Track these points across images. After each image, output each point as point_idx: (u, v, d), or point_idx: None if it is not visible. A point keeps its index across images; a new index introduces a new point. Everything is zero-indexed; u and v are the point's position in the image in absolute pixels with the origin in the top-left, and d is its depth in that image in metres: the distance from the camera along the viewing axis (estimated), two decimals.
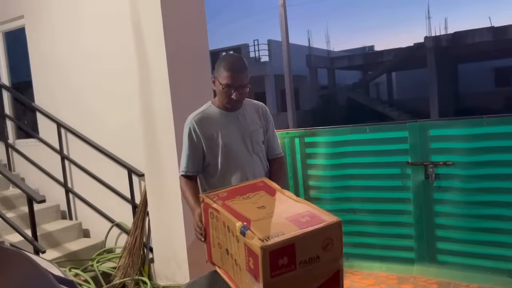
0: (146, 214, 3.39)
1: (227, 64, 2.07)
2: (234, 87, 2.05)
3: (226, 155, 2.11)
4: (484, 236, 3.18)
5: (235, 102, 2.09)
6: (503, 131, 3.08)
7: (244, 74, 2.09)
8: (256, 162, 2.14)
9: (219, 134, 2.11)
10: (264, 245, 1.33)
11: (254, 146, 2.14)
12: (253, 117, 2.18)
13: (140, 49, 3.11)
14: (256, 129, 2.16)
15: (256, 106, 2.24)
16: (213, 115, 2.14)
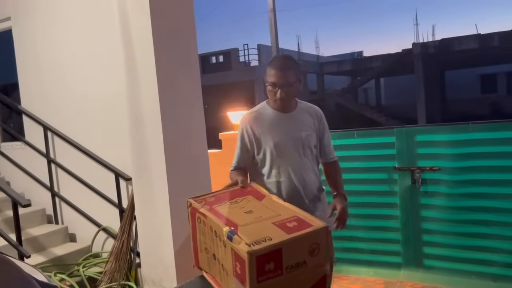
0: (133, 218, 3.36)
1: (272, 63, 2.08)
2: (278, 86, 2.03)
3: (275, 156, 2.10)
4: (469, 241, 3.22)
5: (281, 101, 2.06)
6: (488, 137, 3.13)
7: (289, 72, 2.05)
8: (305, 165, 2.12)
9: (270, 134, 2.10)
10: (251, 250, 1.33)
11: (305, 149, 2.11)
12: (306, 120, 2.15)
13: (128, 52, 3.09)
14: (309, 133, 2.12)
15: (311, 109, 2.20)
16: (266, 115, 2.14)
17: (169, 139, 2.98)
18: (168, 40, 3.03)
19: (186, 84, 3.15)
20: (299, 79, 2.10)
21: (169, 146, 2.97)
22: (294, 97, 2.12)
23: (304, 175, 2.11)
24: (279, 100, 2.06)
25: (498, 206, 3.10)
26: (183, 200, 1.85)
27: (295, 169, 2.09)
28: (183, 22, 3.16)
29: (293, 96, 2.10)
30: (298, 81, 2.09)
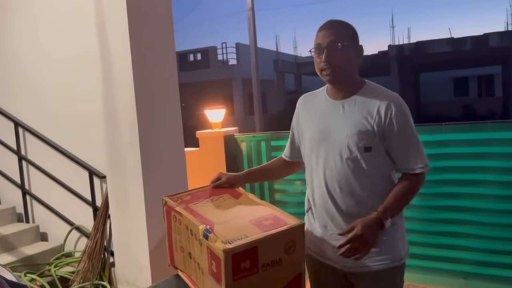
0: (108, 217, 3.31)
1: (322, 25, 1.62)
2: (324, 47, 1.56)
3: (311, 153, 1.69)
4: (442, 240, 3.29)
5: (329, 70, 1.57)
6: (461, 138, 3.20)
7: (342, 31, 1.59)
8: (345, 172, 1.58)
9: (311, 124, 1.69)
10: (227, 248, 1.32)
11: (348, 150, 1.57)
12: (363, 112, 1.57)
13: (104, 48, 3.03)
14: (358, 129, 1.56)
15: (379, 98, 1.58)
16: (318, 99, 1.72)
17: (144, 137, 2.94)
18: (145, 38, 2.99)
19: (163, 81, 3.12)
20: (357, 48, 1.62)
21: (145, 144, 2.93)
22: (347, 69, 1.59)
23: (342, 185, 1.59)
24: (326, 70, 1.57)
25: (470, 205, 3.18)
26: (158, 198, 1.82)
27: (328, 174, 1.62)
28: (160, 19, 3.12)
29: (345, 65, 1.58)
30: (354, 49, 1.61)
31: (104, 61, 3.03)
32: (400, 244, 1.64)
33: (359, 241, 1.46)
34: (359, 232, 1.45)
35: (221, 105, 4.92)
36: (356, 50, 1.62)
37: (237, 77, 21.48)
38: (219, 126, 4.56)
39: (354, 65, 1.62)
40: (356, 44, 1.62)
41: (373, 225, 1.48)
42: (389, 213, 1.52)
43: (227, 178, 1.83)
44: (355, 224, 1.48)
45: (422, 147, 1.60)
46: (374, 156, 1.57)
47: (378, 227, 1.49)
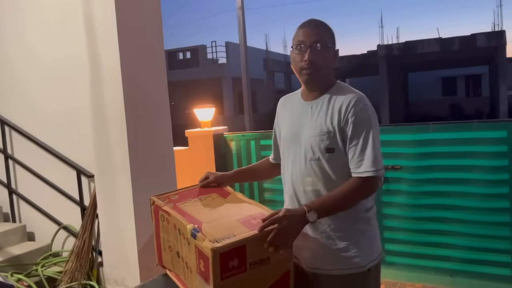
0: (96, 216, 3.28)
1: (302, 23, 1.62)
2: (308, 45, 1.56)
3: (283, 154, 1.72)
4: (429, 238, 3.33)
5: (309, 69, 1.57)
6: (447, 137, 3.24)
7: (325, 31, 1.60)
8: (307, 173, 1.59)
9: (285, 125, 1.71)
10: (215, 247, 1.32)
11: (311, 151, 1.57)
12: (327, 112, 1.57)
13: (91, 46, 3.01)
14: (320, 129, 1.56)
15: (342, 99, 1.56)
16: (294, 101, 1.72)
17: (133, 136, 2.92)
18: (133, 36, 2.97)
19: (152, 80, 3.10)
20: (335, 51, 1.63)
21: (133, 143, 2.92)
22: (325, 70, 1.60)
23: (306, 186, 1.60)
24: (307, 70, 1.57)
25: (456, 204, 3.22)
26: (147, 198, 1.82)
27: (294, 175, 1.64)
28: (149, 16, 3.10)
29: (325, 67, 1.59)
30: (333, 52, 1.62)
31: (92, 60, 3.01)
32: (364, 252, 1.58)
33: (280, 225, 1.39)
34: (280, 215, 1.40)
35: (210, 104, 4.91)
36: (334, 53, 1.64)
37: (226, 76, 21.46)
38: (208, 125, 4.55)
39: (331, 67, 1.63)
40: (334, 47, 1.64)
41: (294, 215, 1.43)
42: (318, 208, 1.46)
43: (215, 177, 1.82)
44: (279, 210, 1.45)
45: (377, 151, 1.52)
46: (337, 158, 1.55)
47: (299, 218, 1.43)
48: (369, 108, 1.57)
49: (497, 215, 3.11)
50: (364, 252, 1.58)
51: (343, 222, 1.56)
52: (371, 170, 1.50)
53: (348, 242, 1.56)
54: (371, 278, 1.60)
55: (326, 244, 1.57)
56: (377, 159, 1.52)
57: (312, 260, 1.57)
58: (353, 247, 1.57)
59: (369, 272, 1.58)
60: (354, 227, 1.57)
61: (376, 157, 1.52)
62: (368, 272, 1.58)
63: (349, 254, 1.56)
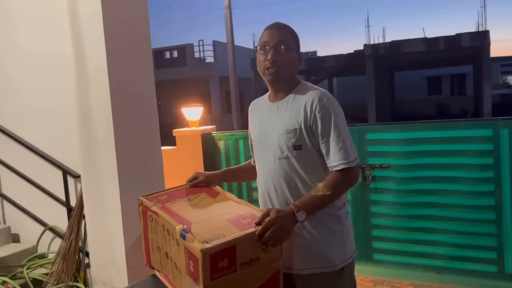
0: (82, 217, 3.24)
1: (268, 26, 1.67)
2: (272, 46, 1.60)
3: (255, 155, 1.78)
4: (416, 235, 3.36)
5: (273, 69, 1.60)
6: (434, 136, 3.28)
7: (288, 34, 1.64)
8: (277, 171, 1.61)
9: (255, 127, 1.76)
10: (204, 248, 1.31)
11: (279, 149, 1.61)
12: (292, 111, 1.61)
13: (78, 44, 2.97)
14: (287, 128, 1.60)
15: (306, 96, 1.60)
16: (262, 104, 1.77)
17: (120, 135, 2.89)
18: (120, 35, 2.94)
19: (139, 78, 3.07)
20: (299, 53, 1.68)
21: (120, 142, 2.89)
22: (289, 70, 1.63)
23: (276, 184, 1.63)
24: (271, 69, 1.61)
25: (443, 201, 3.26)
26: (135, 198, 1.80)
27: (266, 174, 1.67)
28: (136, 14, 3.07)
29: (288, 67, 1.62)
30: (297, 54, 1.67)
31: (79, 58, 2.97)
32: (334, 251, 1.60)
33: (274, 228, 1.41)
34: (273, 216, 1.42)
35: (198, 103, 4.89)
36: (298, 55, 1.68)
37: (214, 75, 21.41)
38: (196, 125, 4.53)
39: (295, 68, 1.67)
40: (298, 50, 1.68)
41: (285, 216, 1.45)
42: (305, 206, 1.49)
43: (204, 177, 1.81)
44: (269, 211, 1.46)
45: (347, 143, 1.56)
46: (305, 154, 1.58)
47: (290, 218, 1.46)
48: (333, 102, 1.61)
49: (483, 213, 3.16)
50: (336, 251, 1.60)
51: (314, 222, 1.58)
52: (345, 162, 1.54)
53: (320, 241, 1.58)
54: (344, 277, 1.61)
55: (299, 244, 1.58)
56: (349, 150, 1.56)
57: (285, 260, 1.57)
58: (325, 246, 1.59)
59: (342, 271, 1.60)
60: (325, 226, 1.59)
61: (347, 149, 1.56)
62: (341, 271, 1.60)
63: (321, 253, 1.58)
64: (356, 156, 1.59)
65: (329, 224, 1.60)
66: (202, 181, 1.80)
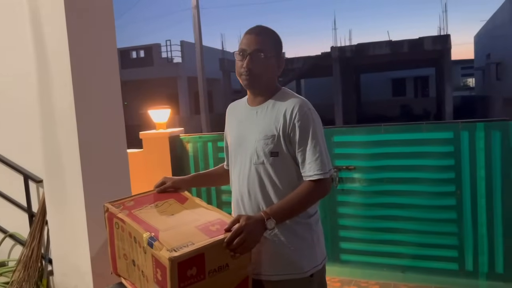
0: (45, 223, 3.14)
1: (248, 30, 1.64)
2: (248, 53, 1.58)
3: (231, 159, 1.74)
4: (381, 236, 3.44)
5: (249, 76, 1.59)
6: (399, 138, 3.36)
7: (267, 40, 1.61)
8: (252, 177, 1.61)
9: (233, 131, 1.74)
10: (172, 256, 1.30)
11: (256, 155, 1.60)
12: (272, 117, 1.60)
13: (39, 43, 2.87)
14: (265, 133, 1.59)
15: (286, 104, 1.59)
16: (240, 107, 1.75)
17: (84, 138, 2.82)
18: (84, 33, 2.86)
19: (104, 78, 3.00)
20: (278, 58, 1.65)
21: (85, 145, 2.82)
22: (265, 77, 1.62)
23: (250, 190, 1.62)
24: (245, 75, 1.60)
25: (407, 202, 3.35)
26: (100, 203, 1.75)
27: (241, 179, 1.65)
28: (100, 13, 3.00)
29: (264, 74, 1.61)
30: (276, 60, 1.64)
31: (40, 57, 2.88)
32: (304, 258, 1.60)
33: (244, 234, 1.41)
34: (243, 223, 1.42)
35: (166, 104, 4.82)
36: (278, 61, 1.66)
37: (182, 75, 21.20)
38: (164, 127, 4.47)
39: (273, 75, 1.65)
40: (278, 55, 1.65)
41: (255, 223, 1.45)
42: (275, 214, 1.50)
43: (172, 182, 1.78)
44: (239, 217, 1.46)
45: (323, 154, 1.57)
46: (281, 162, 1.58)
47: (260, 225, 1.46)
48: (313, 112, 1.61)
49: (444, 213, 3.26)
50: (306, 258, 1.60)
51: (285, 229, 1.58)
52: (320, 173, 1.54)
53: (290, 248, 1.59)
54: (314, 284, 1.63)
55: (269, 251, 1.58)
56: (325, 162, 1.57)
57: (255, 266, 1.57)
58: (295, 253, 1.59)
59: (311, 277, 1.61)
60: (296, 233, 1.59)
61: (323, 160, 1.56)
62: (311, 278, 1.61)
63: (291, 260, 1.59)
64: (331, 167, 1.60)
65: (300, 231, 1.61)
66: (170, 187, 1.77)
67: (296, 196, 1.54)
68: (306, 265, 1.60)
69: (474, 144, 3.14)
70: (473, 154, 3.15)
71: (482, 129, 3.12)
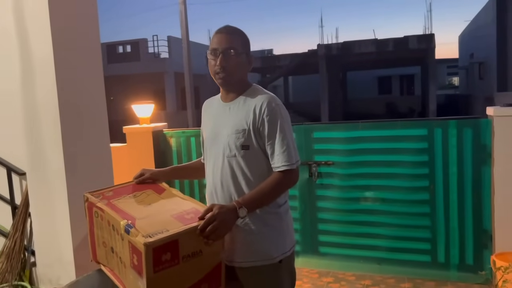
0: (28, 215, 3.18)
1: (217, 30, 1.73)
2: (220, 51, 1.67)
3: (206, 153, 1.84)
4: (358, 229, 3.55)
5: (222, 73, 1.69)
6: (375, 134, 3.48)
7: (237, 38, 1.71)
8: (224, 169, 1.71)
9: (208, 126, 1.83)
10: (147, 241, 1.37)
11: (228, 148, 1.69)
12: (243, 112, 1.70)
13: (23, 37, 2.90)
14: (236, 128, 1.69)
15: (256, 99, 1.70)
16: (215, 103, 1.85)
17: (68, 132, 2.87)
18: (67, 26, 2.89)
19: (87, 73, 3.04)
20: (248, 56, 1.75)
21: (68, 138, 2.86)
22: (238, 74, 1.72)
23: (223, 181, 1.72)
24: (220, 74, 1.69)
25: (382, 196, 3.47)
26: (82, 195, 1.81)
27: (215, 171, 1.75)
28: (84, 7, 3.04)
29: (237, 71, 1.71)
30: (246, 57, 1.74)
31: (24, 50, 2.91)
32: (273, 245, 1.70)
33: (216, 222, 1.49)
34: (216, 212, 1.50)
35: (151, 100, 4.86)
36: (248, 59, 1.76)
37: (169, 70, 21.13)
38: (147, 122, 4.52)
39: (245, 72, 1.76)
40: (248, 53, 1.76)
41: (227, 211, 1.54)
42: (247, 203, 1.58)
43: (150, 174, 1.86)
44: (212, 206, 1.54)
45: (291, 147, 1.67)
46: (252, 154, 1.69)
47: (232, 213, 1.55)
48: (281, 107, 1.71)
49: (418, 207, 3.39)
50: (275, 245, 1.71)
51: (256, 218, 1.68)
52: (287, 164, 1.65)
53: (260, 236, 1.69)
54: (283, 269, 1.73)
55: (240, 239, 1.67)
56: (291, 154, 1.67)
57: (228, 253, 1.67)
58: (264, 242, 1.69)
59: (280, 263, 1.71)
60: (266, 222, 1.70)
61: (290, 152, 1.67)
62: (280, 264, 1.71)
63: (261, 247, 1.69)
64: (298, 159, 1.71)
65: (269, 220, 1.70)
66: (149, 178, 1.85)
67: (266, 186, 1.64)
68: (275, 252, 1.70)
69: (447, 141, 3.26)
70: (446, 151, 3.27)
71: (455, 126, 3.24)
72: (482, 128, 3.18)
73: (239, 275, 1.71)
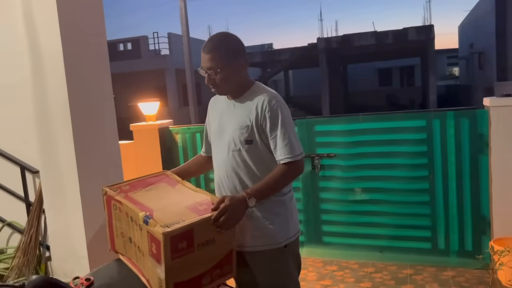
0: (42, 212, 3.29)
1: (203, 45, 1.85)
2: (205, 70, 1.82)
3: (213, 146, 1.98)
4: (360, 218, 3.67)
5: (213, 89, 1.86)
6: (376, 127, 3.58)
7: (214, 55, 1.78)
8: (230, 162, 1.85)
9: (215, 121, 1.96)
10: (166, 231, 1.48)
11: (233, 142, 1.83)
12: (246, 109, 1.82)
13: (32, 39, 2.99)
14: (240, 124, 1.81)
15: (259, 97, 1.82)
16: (221, 99, 1.96)
17: (78, 130, 2.95)
18: (75, 24, 2.95)
19: (95, 71, 3.11)
20: (238, 63, 1.82)
21: (79, 136, 2.95)
22: (229, 84, 1.83)
23: (228, 173, 1.86)
24: (212, 88, 1.85)
25: (384, 186, 3.58)
26: (94, 192, 1.91)
27: (221, 164, 1.89)
28: (91, 6, 3.11)
29: (227, 83, 1.82)
30: (236, 66, 1.82)
31: (33, 50, 2.98)
32: (280, 230, 1.83)
33: (228, 213, 1.61)
34: (227, 203, 1.62)
35: (154, 97, 4.96)
36: (238, 65, 1.82)
37: (170, 67, 21.20)
38: (153, 119, 4.62)
39: (236, 78, 1.84)
40: (237, 60, 1.82)
41: (238, 202, 1.66)
42: (256, 194, 1.70)
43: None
44: (224, 198, 1.66)
45: (292, 140, 1.78)
46: (255, 149, 1.82)
47: (242, 204, 1.68)
48: (281, 103, 1.83)
49: (418, 196, 3.50)
50: (280, 230, 1.84)
51: (262, 206, 1.80)
52: (290, 157, 1.77)
53: (266, 222, 1.83)
54: (288, 253, 1.87)
55: (249, 226, 1.80)
56: (294, 146, 1.79)
57: (238, 239, 1.78)
58: (270, 227, 1.83)
59: (285, 248, 1.85)
60: (272, 210, 1.83)
61: (292, 145, 1.78)
62: (285, 248, 1.85)
63: (267, 233, 1.82)
64: (301, 151, 1.83)
65: (275, 208, 1.84)
66: None
67: (272, 177, 1.77)
68: (281, 237, 1.84)
69: (446, 131, 3.37)
70: (444, 141, 3.38)
71: (452, 117, 3.35)
72: (479, 118, 3.28)
73: (248, 260, 1.83)
